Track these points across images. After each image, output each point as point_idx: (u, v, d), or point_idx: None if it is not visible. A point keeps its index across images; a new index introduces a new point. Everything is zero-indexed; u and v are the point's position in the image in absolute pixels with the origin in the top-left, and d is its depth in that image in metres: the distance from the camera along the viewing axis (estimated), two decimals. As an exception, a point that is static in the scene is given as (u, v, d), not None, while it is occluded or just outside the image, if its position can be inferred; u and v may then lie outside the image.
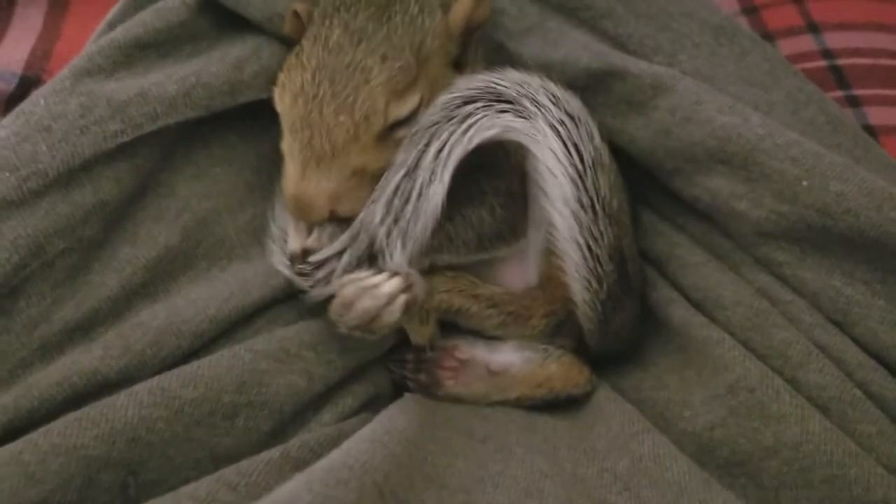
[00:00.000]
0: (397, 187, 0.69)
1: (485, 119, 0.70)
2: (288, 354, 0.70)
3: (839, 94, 0.92)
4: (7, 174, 0.63)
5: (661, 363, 0.80)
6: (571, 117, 0.72)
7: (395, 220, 0.69)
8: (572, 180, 0.71)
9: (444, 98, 0.72)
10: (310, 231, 0.73)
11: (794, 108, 0.79)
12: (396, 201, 0.69)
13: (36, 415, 0.62)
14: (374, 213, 0.70)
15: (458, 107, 0.71)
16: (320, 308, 0.75)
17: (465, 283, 0.77)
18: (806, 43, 0.97)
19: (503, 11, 0.86)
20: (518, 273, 0.80)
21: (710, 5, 0.86)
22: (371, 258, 0.70)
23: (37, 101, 0.67)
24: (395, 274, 0.69)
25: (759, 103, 0.79)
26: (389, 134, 0.70)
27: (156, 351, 0.66)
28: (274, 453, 0.65)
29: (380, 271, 0.69)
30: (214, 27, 0.78)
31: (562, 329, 0.80)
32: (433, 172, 0.69)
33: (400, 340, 0.79)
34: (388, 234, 0.69)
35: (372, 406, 0.76)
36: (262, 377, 0.68)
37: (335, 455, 0.57)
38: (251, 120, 0.79)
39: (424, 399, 0.75)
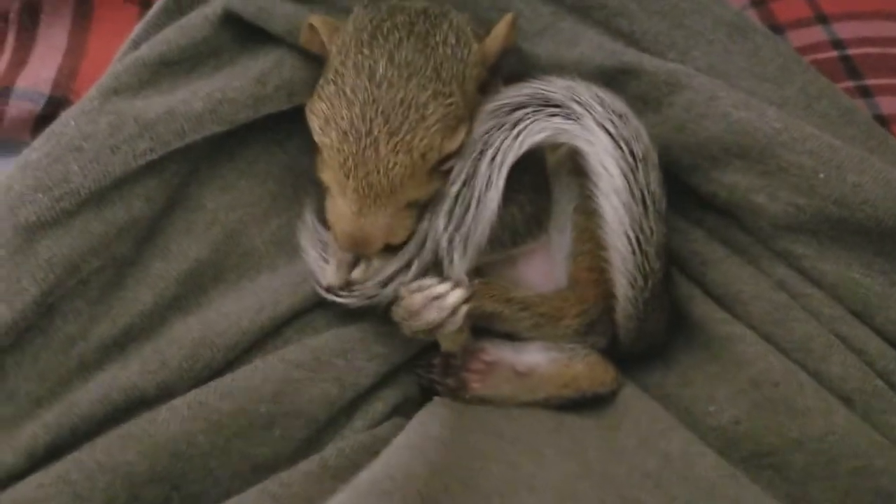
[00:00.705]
0: (457, 196, 0.71)
1: (535, 123, 0.72)
2: (320, 363, 0.71)
3: (850, 84, 0.92)
4: (41, 195, 0.64)
5: (685, 360, 0.81)
6: (619, 115, 0.73)
7: (457, 228, 0.70)
8: (623, 173, 0.72)
9: (492, 105, 0.73)
10: (354, 261, 0.74)
11: (807, 102, 0.80)
12: (458, 209, 0.70)
13: (78, 432, 0.63)
14: (437, 222, 0.71)
15: (508, 113, 0.72)
16: (348, 315, 0.77)
17: (497, 288, 0.77)
18: (816, 34, 0.98)
19: (518, 13, 0.86)
20: (547, 276, 0.81)
21: (721, 1, 0.86)
22: (434, 265, 0.72)
23: (67, 121, 0.68)
24: (457, 284, 0.71)
25: (773, 98, 0.80)
26: (439, 166, 0.70)
27: (191, 364, 0.67)
28: (312, 464, 0.66)
29: (441, 277, 0.71)
30: (236, 40, 0.79)
31: (595, 328, 0.80)
32: (489, 179, 0.70)
33: (425, 344, 0.80)
34: (451, 242, 0.70)
35: (402, 410, 0.77)
36: (297, 386, 0.69)
37: (377, 466, 0.58)
38: (272, 128, 0.80)
39: (453, 402, 0.76)
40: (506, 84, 0.78)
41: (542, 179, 0.80)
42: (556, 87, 0.73)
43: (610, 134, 0.72)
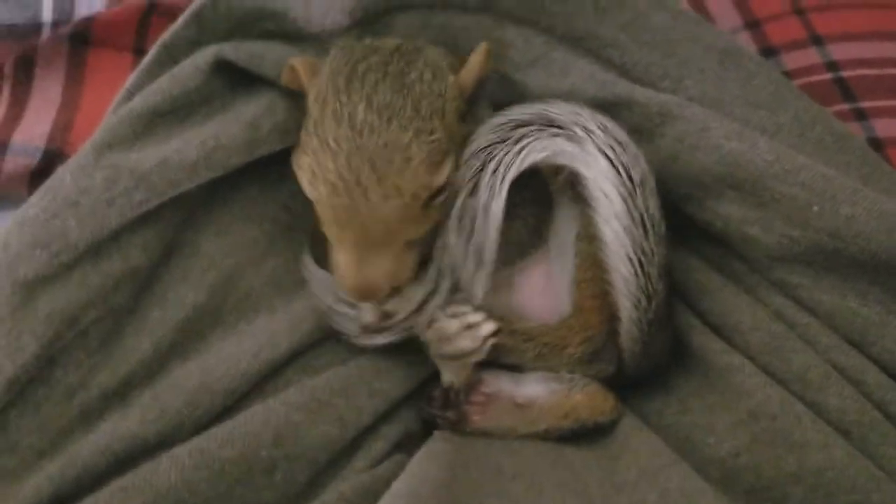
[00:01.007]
0: (463, 208, 0.72)
1: (537, 142, 0.73)
2: (320, 403, 0.72)
3: (845, 107, 0.92)
4: (39, 251, 0.65)
5: (685, 388, 0.81)
6: (619, 143, 0.74)
7: (468, 240, 0.71)
8: (622, 197, 0.73)
9: (496, 120, 0.74)
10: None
11: (801, 129, 0.80)
12: (465, 221, 0.72)
13: (81, 483, 0.64)
14: (448, 238, 0.72)
15: (512, 129, 0.73)
16: (347, 353, 0.78)
17: (500, 319, 0.77)
18: (810, 56, 0.97)
19: (510, 44, 0.86)
20: (551, 306, 0.81)
21: (713, 29, 0.86)
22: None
23: (63, 176, 0.69)
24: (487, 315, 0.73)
25: (767, 125, 0.80)
26: (430, 201, 0.70)
27: (191, 411, 0.68)
28: None
29: (472, 306, 0.73)
30: (227, 86, 0.79)
31: (599, 356, 0.80)
32: (492, 189, 0.71)
33: (423, 378, 0.80)
34: (465, 255, 0.71)
35: (404, 446, 0.77)
36: (297, 429, 0.69)
37: None
38: (266, 170, 0.80)
39: (453, 437, 0.76)
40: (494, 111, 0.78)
41: (541, 194, 0.80)
42: (560, 109, 0.75)
43: (609, 159, 0.73)
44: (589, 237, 0.77)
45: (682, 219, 0.82)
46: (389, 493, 0.62)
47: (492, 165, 0.72)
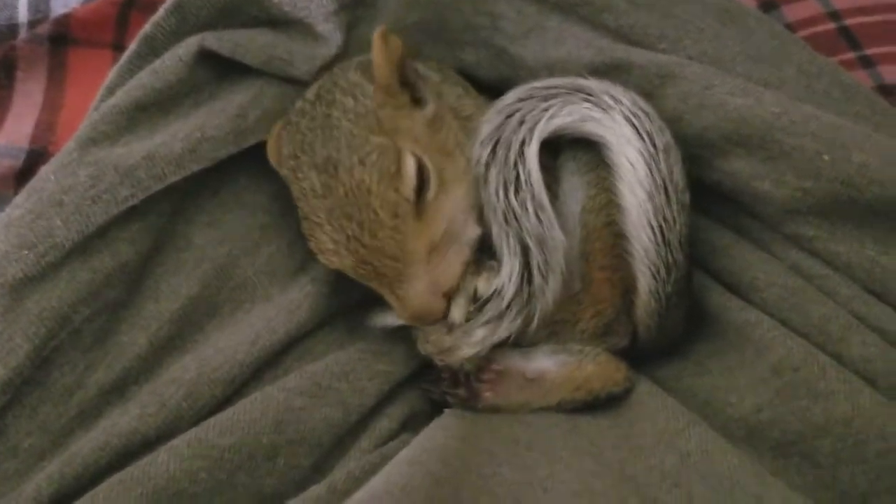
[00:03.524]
0: (493, 153, 0.72)
1: (566, 106, 0.73)
2: (320, 388, 0.71)
3: (851, 55, 0.90)
4: (26, 252, 0.64)
5: (702, 350, 0.79)
6: (646, 112, 0.74)
7: (515, 192, 0.71)
8: (646, 163, 0.73)
9: (532, 83, 0.75)
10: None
11: (807, 81, 0.78)
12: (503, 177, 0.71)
13: (82, 480, 0.63)
14: (492, 198, 0.71)
15: (542, 90, 0.74)
16: (347, 338, 0.78)
17: None
18: (811, 7, 0.95)
19: (501, 15, 0.85)
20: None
21: (710, -15, 0.84)
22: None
23: (46, 176, 0.68)
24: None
25: (771, 80, 0.78)
26: (420, 203, 0.69)
27: (191, 403, 0.67)
28: (321, 489, 0.66)
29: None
30: (213, 76, 0.78)
31: (612, 328, 0.79)
32: (522, 140, 0.72)
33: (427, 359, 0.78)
34: (523, 205, 0.70)
35: (411, 426, 0.76)
36: (298, 414, 0.69)
37: (375, 482, 0.58)
38: (257, 159, 0.80)
39: (465, 413, 0.75)
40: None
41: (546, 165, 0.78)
42: (593, 81, 0.75)
43: (634, 126, 0.73)
44: (596, 209, 0.76)
45: (692, 179, 0.80)
46: (392, 461, 0.62)
47: (517, 116, 0.72)
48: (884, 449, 0.64)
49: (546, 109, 0.73)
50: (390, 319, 0.76)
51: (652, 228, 0.73)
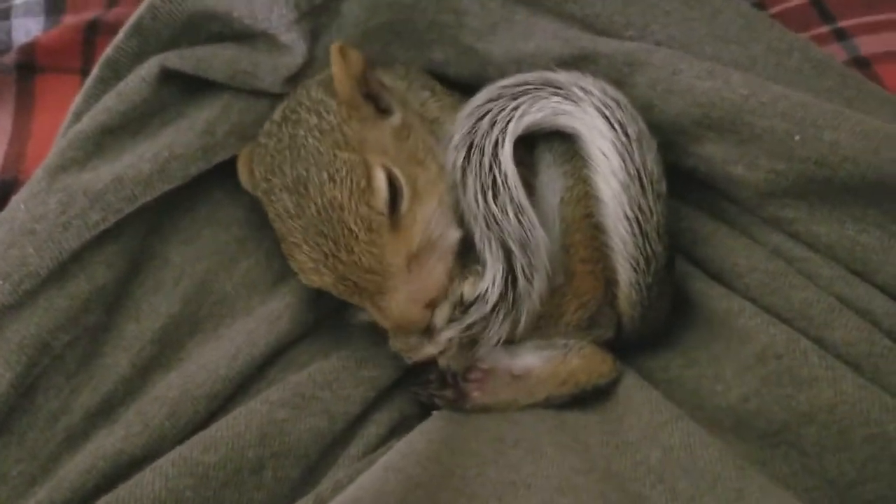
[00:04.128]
0: (467, 158, 0.72)
1: (536, 101, 0.73)
2: (304, 398, 0.71)
3: (825, 29, 0.89)
4: (1, 282, 0.65)
5: (689, 339, 0.79)
6: (617, 102, 0.74)
7: (491, 198, 0.71)
8: (619, 154, 0.72)
9: (500, 82, 0.75)
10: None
11: (777, 59, 0.77)
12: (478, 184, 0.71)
13: None
14: (471, 204, 0.71)
15: (511, 87, 0.74)
16: (331, 345, 0.77)
17: None
18: (782, -20, 0.94)
19: (466, 12, 0.84)
20: None
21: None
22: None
23: (17, 206, 0.68)
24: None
25: (740, 60, 0.77)
26: (395, 215, 0.69)
27: (174, 422, 0.67)
28: (308, 500, 0.65)
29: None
30: (180, 94, 0.78)
31: (596, 320, 0.79)
32: (496, 141, 0.72)
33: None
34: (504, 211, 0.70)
35: (401, 431, 0.76)
36: (282, 426, 0.69)
37: (350, 489, 0.58)
38: (231, 173, 0.80)
39: (452, 415, 0.75)
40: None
41: (524, 158, 0.79)
42: (562, 73, 0.75)
43: (606, 117, 0.72)
44: (574, 200, 0.76)
45: (667, 166, 0.79)
46: (370, 469, 0.62)
47: (488, 117, 0.72)
48: (869, 435, 0.64)
49: (516, 108, 0.73)
50: (366, 315, 0.75)
51: (628, 220, 0.73)
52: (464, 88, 0.83)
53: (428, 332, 0.72)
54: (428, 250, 0.71)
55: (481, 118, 0.73)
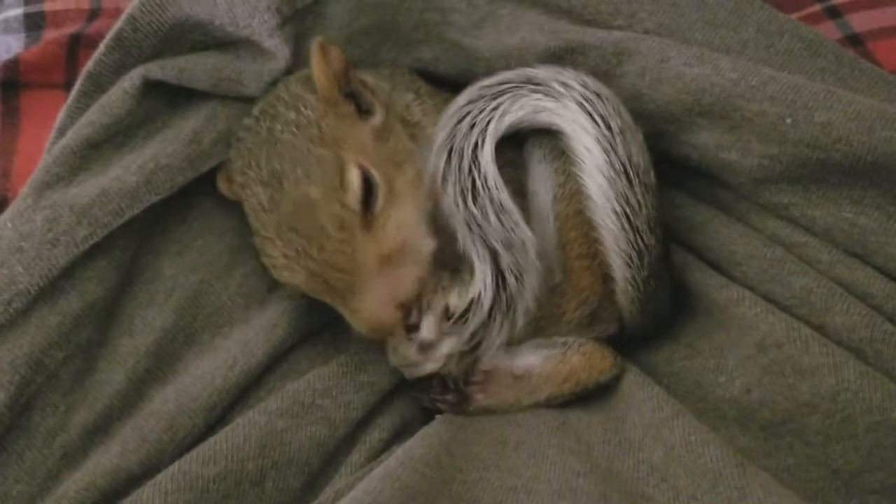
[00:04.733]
0: (448, 162, 0.71)
1: (516, 99, 0.73)
2: (304, 407, 0.71)
3: (817, 7, 0.88)
4: None
5: (690, 330, 0.78)
6: (598, 95, 0.73)
7: (472, 201, 0.70)
8: (602, 148, 0.71)
9: (481, 82, 0.74)
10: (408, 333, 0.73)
11: (768, 41, 0.76)
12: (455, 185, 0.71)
13: None
14: (452, 208, 0.70)
15: (492, 87, 0.73)
16: (329, 351, 0.77)
17: None
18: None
19: (451, 9, 0.84)
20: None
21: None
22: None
23: (4, 224, 0.68)
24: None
25: (731, 44, 0.76)
26: (368, 214, 0.68)
27: (171, 436, 0.67)
28: None
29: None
30: (165, 104, 0.78)
31: (599, 316, 0.78)
32: (476, 143, 0.71)
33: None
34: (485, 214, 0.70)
35: (404, 436, 0.75)
36: (282, 436, 0.68)
37: (345, 500, 0.58)
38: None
39: (455, 418, 0.75)
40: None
41: (515, 156, 0.79)
42: (542, 69, 0.74)
43: (587, 112, 0.72)
44: (567, 196, 0.76)
45: (659, 155, 0.78)
46: (367, 477, 0.61)
47: (468, 120, 0.71)
48: (873, 423, 0.63)
49: (496, 108, 0.72)
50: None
51: (617, 215, 0.72)
52: (453, 86, 0.82)
53: (424, 347, 0.72)
54: (401, 253, 0.70)
55: (461, 120, 0.72)
